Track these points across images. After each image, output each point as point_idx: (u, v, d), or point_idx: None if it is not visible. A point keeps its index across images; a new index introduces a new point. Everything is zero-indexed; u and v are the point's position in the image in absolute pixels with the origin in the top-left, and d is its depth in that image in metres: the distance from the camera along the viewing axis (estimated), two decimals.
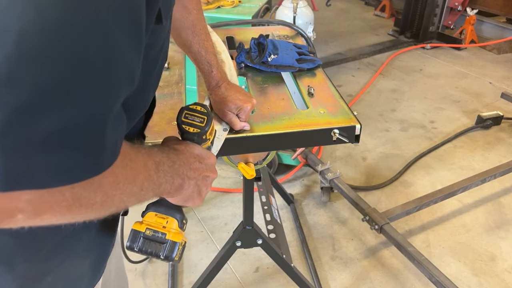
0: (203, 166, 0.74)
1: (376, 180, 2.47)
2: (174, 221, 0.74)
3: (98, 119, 0.46)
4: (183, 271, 1.91)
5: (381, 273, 1.91)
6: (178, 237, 0.73)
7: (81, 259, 0.74)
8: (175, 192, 0.69)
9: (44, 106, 0.41)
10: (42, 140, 0.42)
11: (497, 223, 2.18)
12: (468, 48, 4.23)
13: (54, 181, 0.45)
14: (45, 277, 0.69)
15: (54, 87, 0.41)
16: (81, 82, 0.43)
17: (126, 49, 0.48)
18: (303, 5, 2.77)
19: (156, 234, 0.72)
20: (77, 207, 0.49)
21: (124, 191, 0.55)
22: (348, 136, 1.09)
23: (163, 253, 0.72)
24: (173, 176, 0.66)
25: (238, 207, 2.25)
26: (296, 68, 1.32)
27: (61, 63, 0.41)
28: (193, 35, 0.93)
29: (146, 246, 0.72)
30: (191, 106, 0.79)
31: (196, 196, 0.74)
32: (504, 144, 2.81)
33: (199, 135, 0.77)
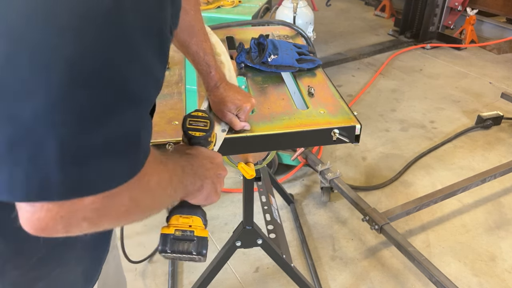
0: (215, 165, 0.80)
1: (376, 180, 2.47)
2: (198, 218, 0.79)
3: (138, 126, 0.52)
4: (183, 271, 1.91)
5: (381, 273, 1.91)
6: (205, 233, 0.78)
7: (73, 266, 0.75)
8: (197, 193, 0.75)
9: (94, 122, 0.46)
10: (93, 150, 0.46)
11: (497, 223, 2.18)
12: (468, 48, 4.23)
13: (106, 184, 0.49)
14: (36, 283, 0.70)
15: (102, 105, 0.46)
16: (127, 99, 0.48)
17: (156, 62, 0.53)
18: (303, 5, 2.77)
19: (184, 233, 0.76)
20: (134, 208, 0.55)
21: (165, 191, 0.62)
22: (348, 136, 1.09)
23: (195, 249, 0.75)
24: (194, 178, 0.72)
25: (238, 207, 2.25)
26: (296, 68, 1.32)
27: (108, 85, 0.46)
28: (191, 36, 0.92)
29: (177, 246, 0.75)
30: (192, 113, 0.86)
31: (213, 194, 0.79)
32: (504, 144, 2.81)
33: (205, 138, 0.83)
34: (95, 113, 0.45)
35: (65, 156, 0.44)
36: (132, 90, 0.49)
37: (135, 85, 0.49)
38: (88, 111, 0.45)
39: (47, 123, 0.43)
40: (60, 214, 0.48)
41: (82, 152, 0.45)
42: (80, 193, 0.47)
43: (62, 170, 0.45)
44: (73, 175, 0.46)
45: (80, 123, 0.45)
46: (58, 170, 0.44)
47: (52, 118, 0.43)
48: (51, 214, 0.47)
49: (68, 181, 0.45)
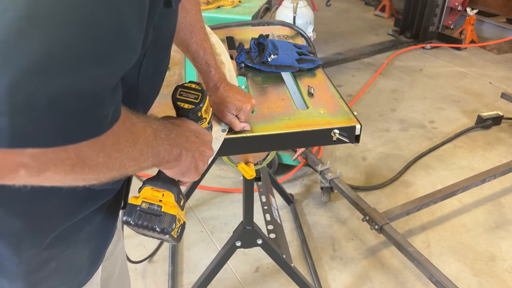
0: (200, 140, 0.76)
1: (376, 180, 2.47)
2: (170, 194, 0.74)
3: (101, 86, 0.47)
4: (183, 271, 1.91)
5: (381, 273, 1.91)
6: (174, 210, 0.73)
7: (82, 248, 0.76)
8: (173, 162, 0.70)
9: (52, 68, 0.42)
10: (48, 101, 0.43)
11: (497, 223, 2.18)
12: (468, 48, 4.23)
13: (58, 140, 0.46)
14: (49, 263, 0.71)
15: (64, 50, 0.42)
16: (89, 49, 0.44)
17: (131, 21, 0.49)
18: (303, 5, 2.77)
19: (151, 206, 0.72)
20: (80, 167, 0.50)
21: (125, 153, 0.56)
22: (348, 136, 1.09)
23: (159, 225, 0.71)
24: (170, 145, 0.67)
25: (238, 207, 2.25)
26: (296, 68, 1.32)
27: (72, 28, 0.43)
28: (191, 35, 0.93)
29: (142, 219, 0.71)
30: (186, 84, 0.80)
31: (193, 170, 0.75)
32: (504, 144, 2.81)
33: (194, 111, 0.78)
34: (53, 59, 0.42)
35: (15, 99, 0.41)
36: (100, 45, 0.45)
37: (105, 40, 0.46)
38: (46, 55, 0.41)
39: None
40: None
41: (34, 99, 0.42)
42: (24, 143, 0.44)
43: (10, 114, 0.41)
44: (20, 123, 0.42)
45: (34, 66, 0.41)
46: (5, 114, 0.41)
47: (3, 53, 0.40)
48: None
49: (14, 128, 0.42)
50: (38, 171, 0.48)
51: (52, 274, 0.73)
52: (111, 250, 0.99)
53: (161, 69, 0.77)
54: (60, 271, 0.74)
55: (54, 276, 0.74)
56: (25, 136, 0.43)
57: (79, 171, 0.51)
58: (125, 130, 0.55)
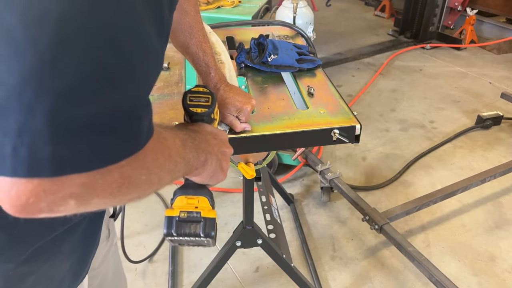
0: (219, 141, 0.76)
1: (376, 180, 2.47)
2: (205, 199, 0.75)
3: (136, 102, 0.48)
4: (183, 271, 1.91)
5: (381, 273, 1.91)
6: (212, 213, 0.74)
7: (63, 260, 0.74)
8: (201, 168, 0.70)
9: (88, 91, 0.42)
10: (87, 124, 0.43)
11: (497, 223, 2.19)
12: (468, 48, 4.24)
13: (101, 161, 0.46)
14: (28, 277, 0.69)
15: (97, 72, 0.42)
16: (121, 69, 0.45)
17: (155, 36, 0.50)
18: (303, 5, 2.77)
19: (190, 214, 0.72)
20: (126, 187, 0.51)
21: (163, 167, 0.57)
22: (348, 136, 1.09)
23: (203, 230, 0.71)
24: (197, 152, 0.68)
25: (238, 207, 2.25)
26: (296, 68, 1.32)
27: (102, 49, 0.42)
28: (191, 37, 0.92)
29: (184, 228, 0.71)
30: (193, 89, 0.80)
31: (219, 171, 0.76)
32: (504, 144, 2.81)
33: (208, 114, 0.78)
34: (89, 81, 0.42)
35: (56, 127, 0.41)
36: (129, 61, 0.46)
37: (133, 55, 0.46)
38: (80, 78, 0.41)
39: (35, 87, 0.40)
40: (44, 189, 0.43)
41: (75, 124, 0.42)
42: (70, 169, 0.43)
43: (52, 142, 0.41)
44: (64, 149, 0.42)
45: (72, 90, 0.41)
46: (48, 143, 0.41)
47: (40, 82, 0.40)
48: (34, 190, 0.43)
49: (58, 155, 0.42)
50: (88, 199, 0.47)
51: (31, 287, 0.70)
52: (103, 257, 0.98)
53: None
54: (39, 284, 0.71)
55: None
56: (70, 162, 0.43)
57: (125, 191, 0.51)
58: (161, 145, 0.56)
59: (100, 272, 0.98)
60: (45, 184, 0.43)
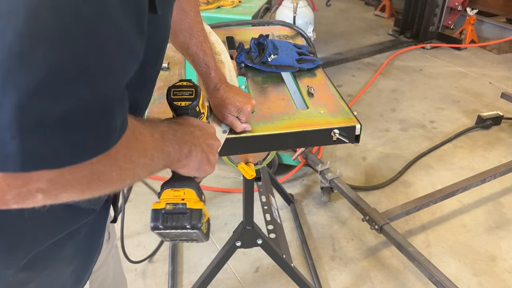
0: (205, 134, 0.76)
1: (376, 180, 2.47)
2: (191, 190, 0.75)
3: (109, 97, 0.47)
4: (183, 271, 1.91)
5: (381, 273, 1.91)
6: (199, 205, 0.73)
7: (64, 266, 0.73)
8: (185, 160, 0.70)
9: (57, 86, 0.41)
10: (57, 120, 0.42)
11: (497, 223, 2.18)
12: (468, 48, 4.23)
13: (71, 159, 0.45)
14: (27, 285, 0.68)
15: (68, 66, 0.42)
16: (94, 62, 0.44)
17: (131, 29, 0.49)
18: (303, 5, 2.77)
19: (176, 206, 0.72)
20: (96, 183, 0.50)
21: (137, 163, 0.56)
22: (348, 136, 1.09)
23: (189, 222, 0.70)
24: (179, 144, 0.67)
25: (238, 207, 2.25)
26: (296, 68, 1.32)
27: (74, 43, 0.42)
28: (191, 37, 0.92)
29: (170, 220, 0.71)
30: (176, 83, 0.81)
31: (205, 163, 0.75)
32: (504, 144, 2.81)
33: (192, 107, 0.78)
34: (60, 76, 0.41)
35: (24, 121, 0.40)
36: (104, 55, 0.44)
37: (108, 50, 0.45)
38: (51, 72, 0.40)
39: (2, 81, 0.39)
40: (8, 184, 0.43)
41: (44, 119, 0.41)
42: (37, 165, 0.43)
43: (19, 137, 0.40)
44: (32, 145, 0.41)
45: (42, 85, 0.40)
46: (15, 137, 0.40)
47: (7, 76, 0.39)
48: (2, 183, 0.43)
49: (26, 150, 0.41)
50: (56, 193, 0.47)
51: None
52: (103, 260, 0.97)
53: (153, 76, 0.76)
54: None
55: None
56: (38, 158, 0.43)
57: (94, 187, 0.51)
58: (135, 140, 0.55)
59: (100, 275, 0.98)
60: (9, 178, 0.43)
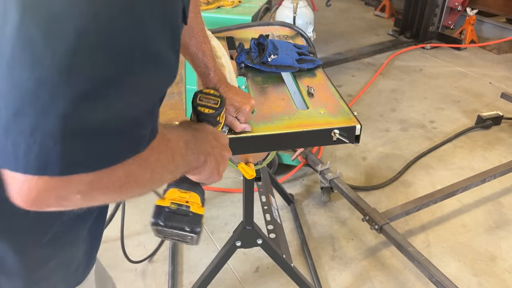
0: (220, 144, 0.79)
1: (376, 180, 2.47)
2: (196, 195, 0.77)
3: (144, 110, 0.52)
4: (183, 271, 1.91)
5: (381, 273, 1.91)
6: (201, 210, 0.75)
7: (78, 247, 0.78)
8: (200, 168, 0.73)
9: (99, 99, 0.45)
10: (95, 128, 0.46)
11: (497, 223, 2.18)
12: (468, 48, 4.23)
13: (106, 162, 0.49)
14: (50, 262, 0.73)
15: (107, 83, 0.46)
16: (128, 79, 0.48)
17: (168, 48, 0.53)
18: (303, 5, 2.77)
19: (180, 207, 0.74)
20: (131, 184, 0.54)
21: (165, 167, 0.61)
22: (348, 136, 1.09)
23: (189, 225, 0.73)
24: (198, 153, 0.71)
25: (238, 207, 2.25)
26: (296, 68, 1.32)
27: (113, 61, 0.46)
28: (190, 37, 0.93)
29: (171, 220, 0.73)
30: (205, 90, 0.84)
31: (215, 173, 0.78)
32: (504, 144, 2.81)
33: (214, 116, 0.82)
34: (99, 89, 0.45)
35: (67, 129, 0.44)
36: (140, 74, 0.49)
37: (143, 69, 0.49)
38: (93, 86, 0.45)
39: (51, 92, 0.43)
40: (53, 187, 0.47)
41: (85, 126, 0.45)
42: (78, 169, 0.47)
43: (63, 143, 0.44)
44: (73, 149, 0.45)
45: (84, 97, 0.44)
46: (58, 143, 0.44)
47: (56, 87, 0.43)
48: (44, 186, 0.46)
49: (67, 155, 0.45)
50: (94, 195, 0.51)
51: (52, 272, 0.74)
52: None
53: None
54: (60, 269, 0.75)
55: (54, 274, 0.75)
56: (78, 162, 0.47)
57: (128, 189, 0.55)
58: (164, 146, 0.59)
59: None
60: (54, 182, 0.46)
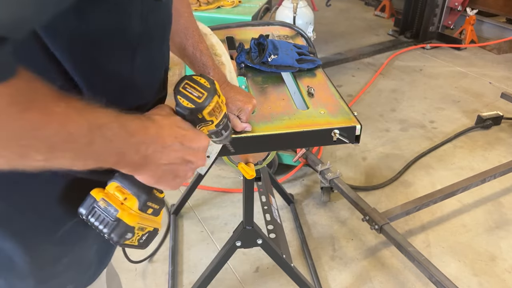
0: (186, 148, 0.65)
1: (376, 180, 2.47)
2: (134, 200, 0.65)
3: None
4: (183, 271, 1.91)
5: (381, 273, 1.91)
6: (132, 219, 0.64)
7: (90, 244, 0.77)
8: (131, 169, 0.61)
9: None
10: None
11: (497, 223, 2.18)
12: (468, 48, 4.23)
13: None
14: (61, 260, 0.72)
15: None
16: None
17: None
18: (303, 5, 2.77)
19: (108, 207, 0.63)
20: None
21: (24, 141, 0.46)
22: (348, 137, 1.09)
23: (108, 232, 0.63)
24: (125, 150, 0.57)
25: (238, 207, 2.25)
26: (296, 68, 1.32)
27: None
28: (187, 38, 0.92)
29: (94, 217, 0.63)
30: (195, 76, 0.68)
31: (170, 179, 0.66)
32: (504, 144, 2.81)
33: (193, 112, 0.66)
34: None
35: None
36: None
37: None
38: None
39: None
40: None
41: None
42: None
43: None
44: None
45: None
46: None
47: None
48: None
49: None
50: None
51: (63, 270, 0.74)
52: None
53: (157, 63, 0.73)
54: (71, 268, 0.75)
55: (65, 272, 0.74)
56: None
57: None
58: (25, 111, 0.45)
59: None
60: None
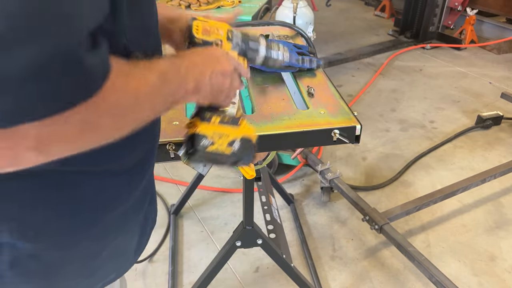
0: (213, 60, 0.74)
1: (376, 180, 2.47)
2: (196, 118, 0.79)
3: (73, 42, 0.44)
4: (183, 271, 1.91)
5: (381, 273, 1.91)
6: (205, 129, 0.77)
7: (129, 238, 0.78)
8: (192, 95, 0.69)
9: (17, 38, 0.40)
10: (20, 72, 0.41)
11: (497, 223, 2.18)
12: (468, 48, 4.23)
13: (46, 110, 0.44)
14: (101, 253, 0.73)
15: (25, 17, 0.41)
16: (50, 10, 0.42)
17: None
18: (303, 5, 2.77)
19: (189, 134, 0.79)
20: (89, 131, 0.50)
21: (131, 109, 0.54)
22: (348, 137, 1.09)
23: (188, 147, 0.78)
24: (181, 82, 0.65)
25: (238, 207, 2.25)
26: (296, 68, 1.32)
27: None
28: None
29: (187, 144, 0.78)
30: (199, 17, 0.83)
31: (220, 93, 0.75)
32: (504, 144, 2.81)
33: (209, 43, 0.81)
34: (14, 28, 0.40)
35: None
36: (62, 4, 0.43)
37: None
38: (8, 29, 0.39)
39: None
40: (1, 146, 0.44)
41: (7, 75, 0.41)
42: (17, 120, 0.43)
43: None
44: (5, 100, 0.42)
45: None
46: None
47: None
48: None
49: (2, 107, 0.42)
50: (46, 149, 0.48)
51: (104, 262, 0.75)
52: None
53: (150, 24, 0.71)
54: (111, 258, 0.76)
55: (106, 264, 0.76)
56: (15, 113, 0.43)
57: (88, 137, 0.51)
58: (123, 86, 0.52)
59: None
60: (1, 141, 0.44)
